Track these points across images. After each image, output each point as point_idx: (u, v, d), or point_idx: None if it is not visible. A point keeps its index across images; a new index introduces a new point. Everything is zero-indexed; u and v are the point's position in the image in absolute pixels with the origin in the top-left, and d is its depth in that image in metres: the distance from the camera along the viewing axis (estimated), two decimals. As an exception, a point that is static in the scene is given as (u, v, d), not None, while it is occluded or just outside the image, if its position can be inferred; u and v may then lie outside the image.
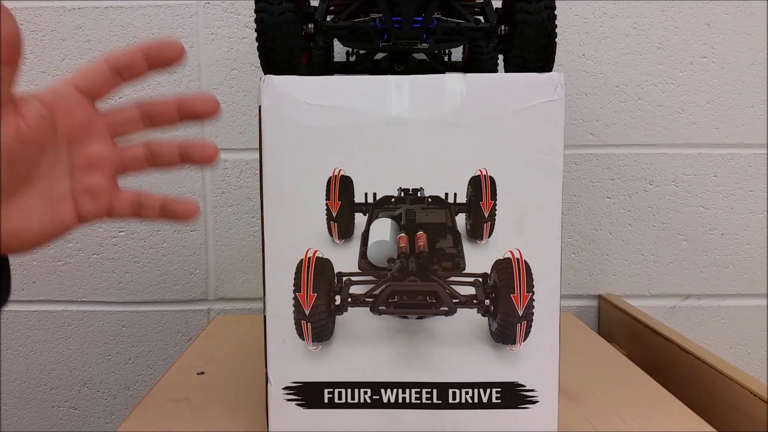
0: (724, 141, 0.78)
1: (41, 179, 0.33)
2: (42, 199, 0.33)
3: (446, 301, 0.41)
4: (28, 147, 0.32)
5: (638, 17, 0.77)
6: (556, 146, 0.41)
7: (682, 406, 0.50)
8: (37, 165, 0.32)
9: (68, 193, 0.34)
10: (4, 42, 0.30)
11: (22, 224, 0.32)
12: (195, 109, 0.35)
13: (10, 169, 0.31)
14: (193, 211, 0.36)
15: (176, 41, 0.34)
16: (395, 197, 0.41)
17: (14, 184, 0.32)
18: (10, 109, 0.31)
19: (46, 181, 0.33)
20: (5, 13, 0.29)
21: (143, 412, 0.50)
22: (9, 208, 0.32)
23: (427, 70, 0.55)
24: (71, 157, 0.34)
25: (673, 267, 0.80)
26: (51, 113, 0.33)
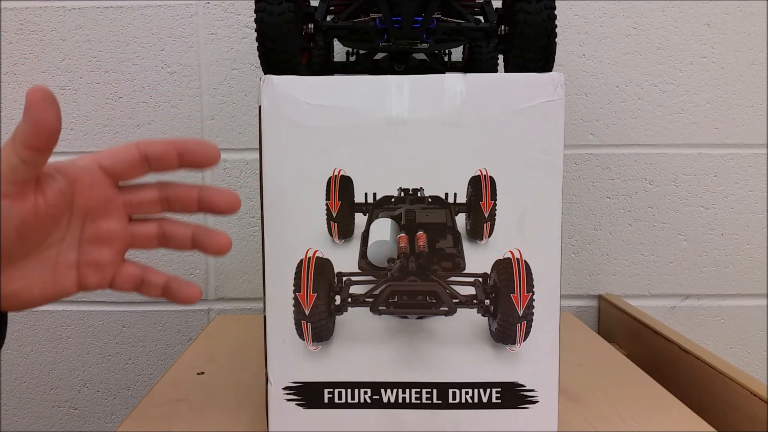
0: (724, 141, 0.78)
1: (49, 248, 0.33)
2: (46, 266, 0.33)
3: (446, 301, 0.41)
4: (44, 222, 0.32)
5: (638, 17, 0.77)
6: (556, 146, 0.41)
7: (682, 406, 0.50)
8: (48, 236, 0.33)
9: (73, 264, 0.34)
10: (41, 132, 0.30)
11: (22, 288, 0.32)
12: (215, 205, 0.35)
13: (21, 241, 0.31)
14: (195, 296, 0.36)
15: (212, 145, 0.35)
16: (395, 197, 0.41)
17: (22, 254, 0.32)
18: (32, 187, 0.31)
19: (53, 249, 0.33)
20: (50, 101, 0.30)
21: (143, 412, 0.50)
22: (13, 273, 0.32)
23: (427, 70, 0.55)
24: (83, 230, 0.34)
25: (673, 267, 0.80)
26: (71, 189, 0.33)
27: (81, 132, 0.77)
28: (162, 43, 0.76)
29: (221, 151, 0.80)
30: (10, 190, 0.30)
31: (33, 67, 0.76)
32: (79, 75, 0.76)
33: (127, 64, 0.76)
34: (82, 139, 0.77)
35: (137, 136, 0.77)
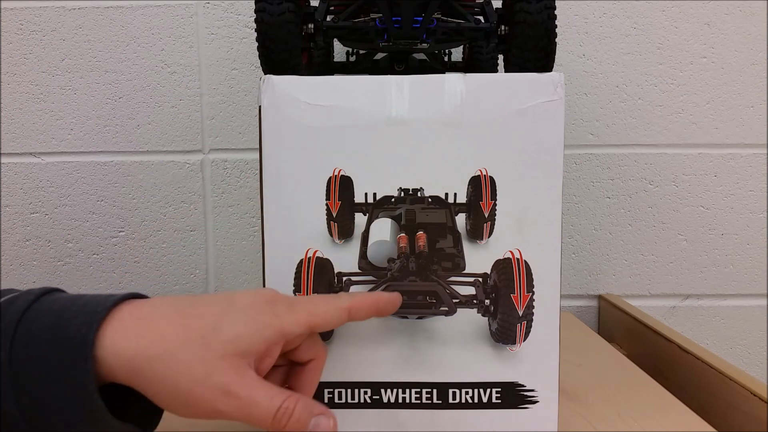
0: (724, 141, 0.78)
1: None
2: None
3: (446, 301, 0.41)
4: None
5: (638, 17, 0.77)
6: (556, 146, 0.41)
7: (682, 406, 0.50)
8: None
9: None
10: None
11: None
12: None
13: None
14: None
15: (399, 298, 0.39)
16: (395, 197, 0.41)
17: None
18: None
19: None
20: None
21: (143, 412, 0.50)
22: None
23: (427, 70, 0.55)
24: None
25: (673, 267, 0.80)
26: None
27: (81, 132, 0.77)
28: (162, 43, 0.76)
29: (221, 151, 0.81)
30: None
31: (33, 67, 0.76)
32: (79, 75, 0.76)
33: (127, 64, 0.76)
34: (83, 139, 0.77)
35: (137, 136, 0.77)
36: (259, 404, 0.31)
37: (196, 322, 0.31)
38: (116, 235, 0.78)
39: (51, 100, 0.77)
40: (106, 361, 0.30)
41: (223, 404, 0.31)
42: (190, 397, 0.30)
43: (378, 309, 0.37)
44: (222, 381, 0.31)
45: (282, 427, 0.32)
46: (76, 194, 0.78)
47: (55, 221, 0.78)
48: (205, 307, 0.32)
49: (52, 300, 0.31)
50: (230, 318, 0.32)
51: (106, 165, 0.77)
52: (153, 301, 0.33)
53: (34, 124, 0.77)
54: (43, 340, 0.29)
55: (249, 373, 0.32)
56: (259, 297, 0.34)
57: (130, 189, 0.78)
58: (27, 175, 0.77)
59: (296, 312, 0.34)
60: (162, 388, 0.31)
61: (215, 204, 0.78)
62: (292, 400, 0.32)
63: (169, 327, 0.31)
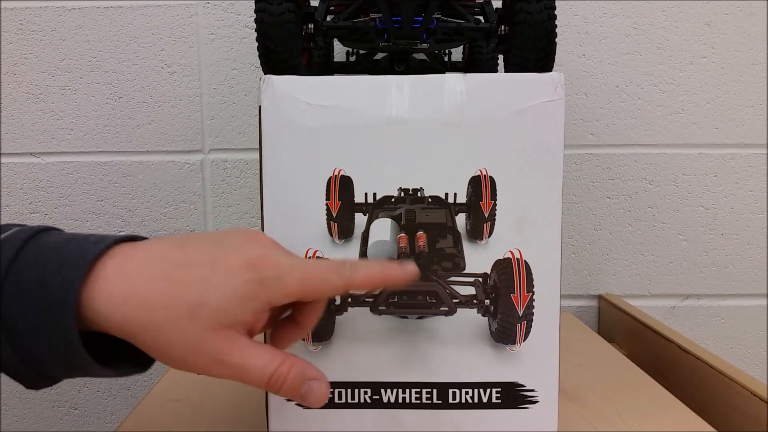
0: (724, 141, 0.78)
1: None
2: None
3: (446, 301, 0.41)
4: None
5: (638, 17, 0.77)
6: (556, 146, 0.41)
7: (682, 406, 0.50)
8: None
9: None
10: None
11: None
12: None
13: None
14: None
15: (411, 268, 0.35)
16: (395, 197, 0.41)
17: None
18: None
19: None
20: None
21: (143, 412, 0.50)
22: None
23: (427, 70, 0.55)
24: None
25: (673, 267, 0.80)
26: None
27: (81, 132, 0.77)
28: (162, 43, 0.76)
29: (221, 151, 0.81)
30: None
31: (33, 67, 0.76)
32: (79, 75, 0.76)
33: (127, 64, 0.76)
34: (83, 139, 0.77)
35: (137, 136, 0.77)
36: (251, 371, 0.31)
37: (180, 291, 0.31)
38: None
39: (51, 100, 0.77)
40: (95, 319, 0.30)
41: (217, 370, 0.32)
42: (184, 361, 0.31)
43: (385, 284, 0.35)
44: (213, 350, 0.31)
45: (276, 391, 0.32)
46: (76, 194, 0.78)
47: (55, 221, 0.78)
48: (190, 271, 0.31)
49: (39, 246, 0.31)
50: (214, 289, 0.31)
51: (106, 165, 0.77)
52: (139, 255, 0.32)
53: (34, 124, 0.77)
54: (29, 296, 0.29)
55: (240, 340, 0.32)
56: (246, 259, 0.32)
57: (130, 189, 0.78)
58: (27, 175, 0.77)
59: (285, 283, 0.32)
60: (154, 352, 0.31)
61: (215, 204, 0.78)
62: (285, 365, 0.32)
63: (152, 295, 0.30)
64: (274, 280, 0.32)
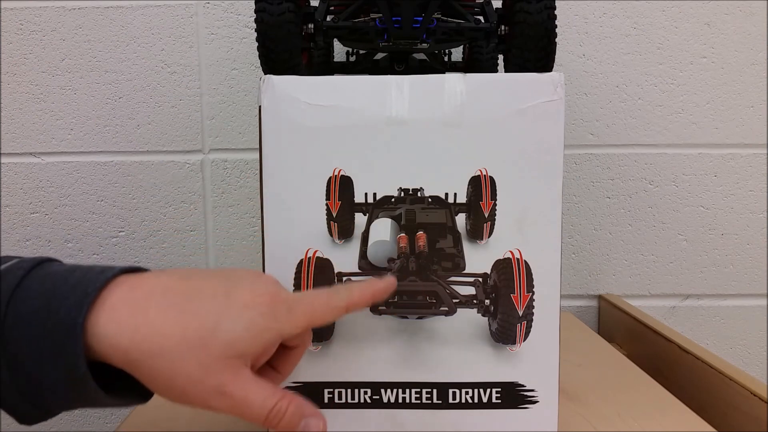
0: (724, 141, 0.78)
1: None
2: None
3: (446, 301, 0.41)
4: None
5: (638, 17, 0.77)
6: (556, 146, 0.41)
7: (682, 406, 0.50)
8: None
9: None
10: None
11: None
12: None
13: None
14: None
15: (393, 282, 0.38)
16: (395, 197, 0.41)
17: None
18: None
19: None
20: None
21: (143, 412, 0.50)
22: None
23: (427, 70, 0.55)
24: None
25: (673, 267, 0.80)
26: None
27: (81, 132, 0.77)
28: (162, 43, 0.76)
29: (221, 151, 0.81)
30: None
31: (33, 67, 0.76)
32: (79, 75, 0.76)
33: (127, 64, 0.76)
34: (83, 139, 0.77)
35: (137, 136, 0.77)
36: (252, 405, 0.32)
37: (193, 321, 0.31)
38: (116, 235, 0.78)
39: (51, 100, 0.77)
40: (99, 348, 0.30)
41: (217, 402, 0.31)
42: (185, 393, 0.31)
43: (375, 299, 0.37)
44: (218, 382, 0.31)
45: (274, 427, 0.32)
46: (76, 194, 0.78)
47: (55, 221, 0.78)
48: (203, 302, 0.32)
49: (43, 275, 0.31)
50: (229, 319, 0.32)
51: (106, 165, 0.77)
52: (146, 285, 0.32)
53: (34, 124, 0.77)
54: (34, 322, 0.29)
55: (244, 372, 0.32)
56: (258, 296, 0.33)
57: (130, 189, 0.78)
58: (27, 175, 0.77)
59: (295, 315, 0.34)
60: (157, 382, 0.31)
61: (215, 204, 0.78)
62: (284, 401, 0.32)
63: (166, 324, 0.31)
64: (286, 313, 0.33)
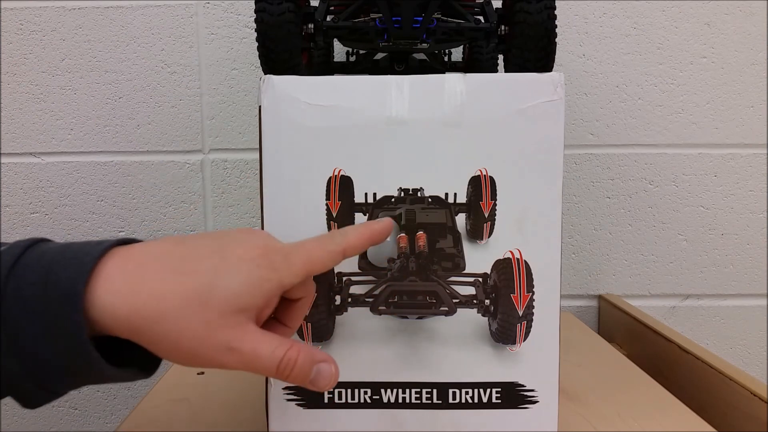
0: (724, 141, 0.78)
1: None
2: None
3: (446, 301, 0.41)
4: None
5: (638, 17, 0.77)
6: (556, 146, 0.41)
7: (682, 406, 0.50)
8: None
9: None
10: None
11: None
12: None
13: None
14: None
15: (389, 223, 0.38)
16: (395, 197, 0.41)
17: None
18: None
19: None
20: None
21: (143, 412, 0.50)
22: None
23: (427, 70, 0.55)
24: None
25: (673, 267, 0.80)
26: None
27: (81, 132, 0.77)
28: (162, 43, 0.76)
29: (221, 151, 0.81)
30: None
31: (33, 67, 0.76)
32: (79, 75, 0.76)
33: (127, 64, 0.76)
34: (83, 139, 0.77)
35: (137, 136, 0.77)
36: (261, 357, 0.31)
37: (190, 280, 0.31)
38: (116, 235, 0.78)
39: (51, 100, 0.77)
40: (100, 319, 0.30)
41: (227, 359, 0.31)
42: (193, 353, 0.31)
43: (372, 240, 0.37)
44: (224, 338, 0.31)
45: (285, 377, 0.32)
46: (76, 194, 0.78)
47: (55, 221, 0.78)
48: (198, 262, 0.32)
49: (39, 252, 0.31)
50: (226, 275, 0.31)
51: (106, 165, 0.77)
52: (141, 252, 0.32)
53: (34, 124, 0.77)
54: (33, 295, 0.29)
55: (250, 326, 0.32)
56: (252, 248, 0.33)
57: (130, 189, 0.78)
58: (27, 175, 0.77)
59: (293, 263, 0.33)
60: (163, 346, 0.31)
61: (215, 204, 0.78)
62: (294, 350, 0.32)
63: (163, 287, 0.30)
64: (283, 262, 0.33)
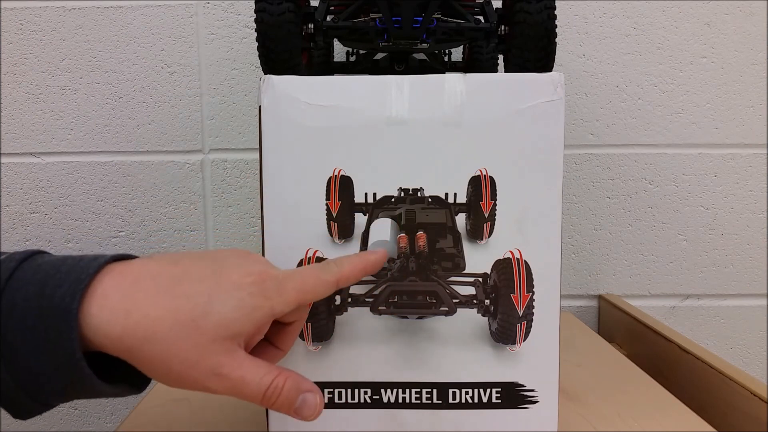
0: (724, 141, 0.78)
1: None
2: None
3: (446, 301, 0.41)
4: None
5: (638, 17, 0.77)
6: (556, 146, 0.41)
7: (682, 406, 0.50)
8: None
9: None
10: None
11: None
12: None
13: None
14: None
15: (384, 254, 0.38)
16: (395, 197, 0.41)
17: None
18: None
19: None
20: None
21: (143, 412, 0.50)
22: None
23: (427, 70, 0.55)
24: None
25: (673, 267, 0.80)
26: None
27: (81, 132, 0.77)
28: (162, 43, 0.76)
29: (221, 151, 0.81)
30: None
31: (33, 67, 0.76)
32: (79, 75, 0.76)
33: (127, 64, 0.76)
34: (83, 139, 0.77)
35: (137, 136, 0.77)
36: (249, 384, 0.32)
37: (184, 304, 0.31)
38: (116, 235, 0.78)
39: (51, 100, 0.77)
40: (93, 338, 0.30)
41: (214, 384, 0.31)
42: (181, 376, 0.31)
43: (366, 272, 0.37)
44: (213, 363, 0.31)
45: (271, 405, 0.32)
46: (76, 194, 0.78)
47: (55, 221, 0.78)
48: (192, 284, 0.32)
49: (35, 266, 0.31)
50: (219, 300, 0.31)
51: (106, 165, 0.77)
52: (138, 269, 0.32)
53: (34, 124, 0.77)
54: (27, 310, 0.29)
55: (239, 353, 0.32)
56: (247, 275, 0.33)
57: (130, 189, 0.78)
58: (27, 175, 0.77)
59: (286, 291, 0.33)
60: (152, 367, 0.31)
61: (215, 204, 0.78)
62: (281, 378, 0.32)
63: (157, 308, 0.31)
64: (276, 290, 0.33)
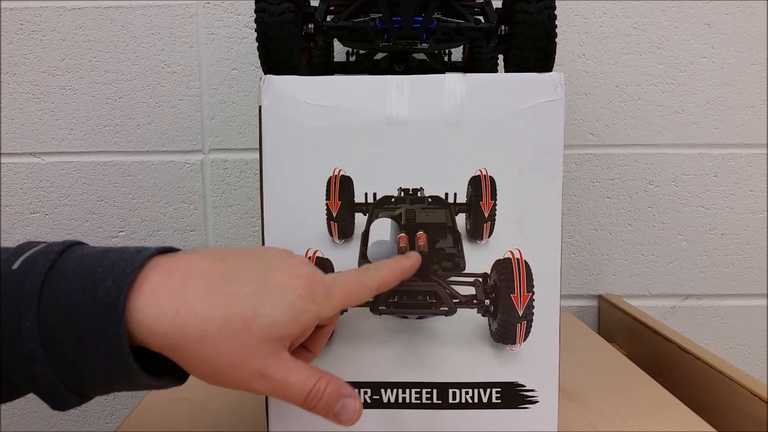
0: (724, 141, 0.78)
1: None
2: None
3: (446, 301, 0.41)
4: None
5: (638, 17, 0.77)
6: (556, 146, 0.41)
7: (682, 406, 0.50)
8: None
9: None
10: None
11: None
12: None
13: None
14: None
15: (418, 259, 0.40)
16: (395, 197, 0.41)
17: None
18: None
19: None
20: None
21: (143, 412, 0.50)
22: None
23: (427, 70, 0.55)
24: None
25: (673, 267, 0.80)
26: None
27: (81, 132, 0.77)
28: (162, 43, 0.76)
29: (221, 151, 0.81)
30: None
31: (33, 67, 0.76)
32: (79, 75, 0.76)
33: (127, 64, 0.76)
34: (83, 139, 0.77)
35: (137, 136, 0.77)
36: (291, 387, 0.32)
37: (234, 304, 0.31)
38: (116, 235, 0.78)
39: (51, 100, 0.77)
40: (137, 333, 0.30)
41: (259, 384, 0.32)
42: (227, 376, 0.31)
43: (403, 276, 0.38)
44: (259, 364, 0.31)
45: (311, 408, 0.33)
46: (76, 194, 0.78)
47: (55, 221, 0.78)
48: (241, 285, 0.32)
49: (76, 258, 0.31)
50: (269, 302, 0.32)
51: (106, 165, 0.77)
52: (182, 267, 0.32)
53: (34, 124, 0.77)
54: (70, 305, 0.29)
55: (284, 355, 0.32)
56: (295, 278, 0.33)
57: (130, 189, 0.78)
58: (27, 175, 0.77)
59: (332, 296, 0.34)
60: (198, 365, 0.31)
61: (215, 204, 0.78)
62: (323, 382, 0.33)
63: (206, 308, 0.31)
64: (323, 294, 0.34)
